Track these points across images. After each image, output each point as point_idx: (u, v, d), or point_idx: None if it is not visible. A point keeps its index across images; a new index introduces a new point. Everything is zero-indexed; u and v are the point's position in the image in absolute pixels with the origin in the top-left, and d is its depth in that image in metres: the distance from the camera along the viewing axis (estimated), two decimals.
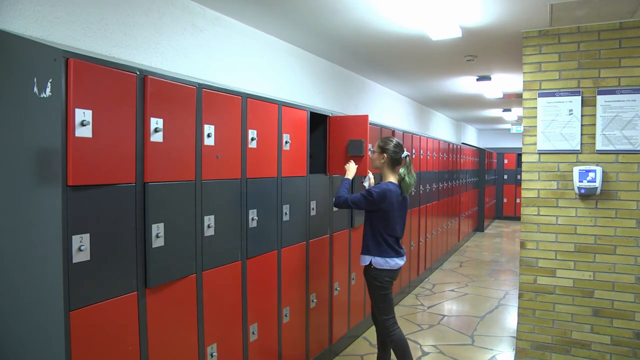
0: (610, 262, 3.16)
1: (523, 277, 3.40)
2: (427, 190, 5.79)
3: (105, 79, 1.70)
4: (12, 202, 1.73)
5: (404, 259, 2.94)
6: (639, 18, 3.02)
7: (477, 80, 5.51)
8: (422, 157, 5.49)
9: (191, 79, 2.27)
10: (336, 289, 3.50)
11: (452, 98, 7.12)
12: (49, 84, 1.58)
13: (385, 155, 2.91)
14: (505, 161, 12.31)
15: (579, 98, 3.19)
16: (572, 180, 3.21)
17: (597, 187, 3.10)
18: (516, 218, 11.64)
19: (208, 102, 2.20)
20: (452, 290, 5.57)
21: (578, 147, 3.21)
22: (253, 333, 2.57)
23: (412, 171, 2.92)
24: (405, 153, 2.94)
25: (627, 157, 3.09)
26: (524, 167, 3.38)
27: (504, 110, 8.84)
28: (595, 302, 3.21)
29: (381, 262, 2.83)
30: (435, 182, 6.15)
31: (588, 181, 3.12)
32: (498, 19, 3.23)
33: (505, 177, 12.30)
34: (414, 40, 3.77)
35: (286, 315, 2.89)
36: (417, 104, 7.70)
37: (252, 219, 2.53)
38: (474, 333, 4.16)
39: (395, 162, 2.93)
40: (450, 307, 4.94)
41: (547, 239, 3.32)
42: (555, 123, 3.26)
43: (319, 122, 3.31)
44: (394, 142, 2.93)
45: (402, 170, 2.90)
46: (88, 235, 1.65)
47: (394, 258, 2.86)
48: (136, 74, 1.83)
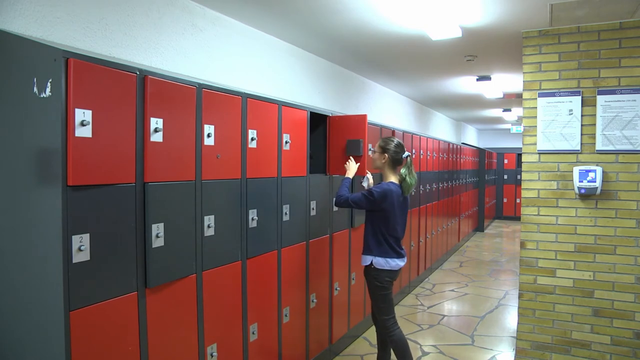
0: (610, 262, 3.16)
1: (523, 277, 3.40)
2: (427, 190, 5.79)
3: (105, 79, 1.70)
4: (12, 202, 1.73)
5: (405, 260, 2.94)
6: (639, 18, 3.02)
7: (477, 80, 5.51)
8: (422, 157, 5.49)
9: (191, 79, 2.27)
10: (336, 289, 3.50)
11: (452, 98, 7.12)
12: (49, 84, 1.58)
13: (386, 155, 2.91)
14: (505, 161, 12.32)
15: (579, 98, 3.19)
16: (572, 180, 3.21)
17: (597, 187, 3.10)
18: (516, 218, 11.64)
19: (208, 102, 2.20)
20: (452, 290, 5.57)
21: (578, 147, 3.21)
22: (253, 333, 2.57)
23: (413, 171, 2.93)
24: (406, 153, 2.94)
25: (627, 157, 3.09)
26: (524, 167, 3.38)
27: (504, 110, 8.85)
28: (595, 302, 3.21)
29: (382, 262, 2.84)
30: (435, 182, 6.15)
31: (588, 181, 3.12)
32: (498, 19, 3.23)
33: (505, 177, 12.30)
34: (414, 40, 3.77)
35: (286, 315, 2.89)
36: (417, 104, 7.70)
37: (252, 219, 2.53)
38: (474, 333, 4.16)
39: (396, 162, 2.93)
40: (450, 307, 4.93)
41: (547, 239, 3.32)
42: (555, 123, 3.26)
43: (319, 122, 3.31)
44: (395, 142, 2.93)
45: (403, 171, 2.90)
46: (88, 235, 1.65)
47: (395, 259, 2.86)
48: (136, 74, 1.83)
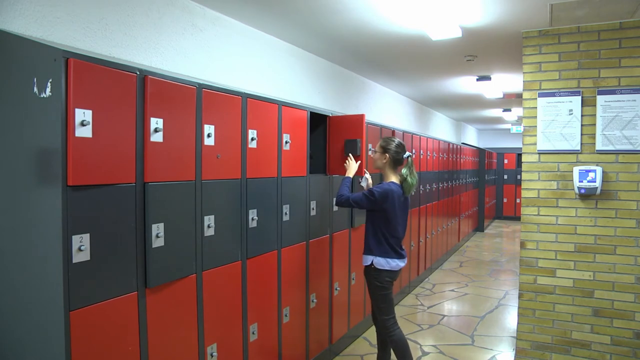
0: (610, 262, 3.16)
1: (523, 277, 3.40)
2: (427, 190, 5.79)
3: (105, 79, 1.70)
4: (12, 202, 1.73)
5: (405, 260, 2.93)
6: (639, 18, 3.02)
7: (477, 80, 5.51)
8: (422, 157, 5.49)
9: (191, 79, 2.27)
10: (336, 289, 3.50)
11: (452, 98, 7.12)
12: (49, 84, 1.58)
13: (387, 155, 2.91)
14: (505, 161, 12.32)
15: (579, 98, 3.19)
16: (572, 180, 3.21)
17: (597, 187, 3.10)
18: (516, 218, 11.64)
19: (208, 102, 2.20)
20: (452, 290, 5.57)
21: (578, 147, 3.21)
22: (253, 333, 2.57)
23: (414, 171, 2.92)
24: (407, 153, 2.94)
25: (627, 157, 3.09)
26: (524, 167, 3.38)
27: (504, 110, 8.84)
28: (595, 302, 3.21)
29: (382, 262, 2.83)
30: (435, 182, 6.15)
31: (588, 181, 3.12)
32: (498, 19, 3.23)
33: (505, 177, 12.30)
34: (414, 40, 3.77)
35: (286, 315, 2.89)
36: (417, 104, 7.70)
37: (252, 219, 2.53)
38: (474, 333, 4.16)
39: (397, 162, 2.93)
40: (450, 307, 4.93)
41: (547, 239, 3.32)
42: (555, 123, 3.26)
43: (319, 122, 3.31)
44: (396, 142, 2.93)
45: (404, 171, 2.90)
46: (88, 235, 1.65)
47: (395, 259, 2.86)
48: (136, 74, 1.83)
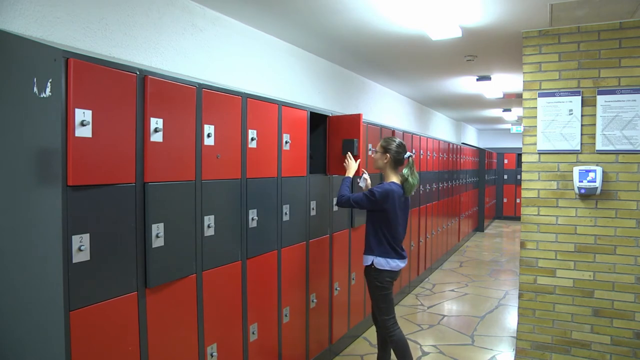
0: (610, 262, 3.16)
1: (523, 277, 3.40)
2: (427, 190, 5.79)
3: (105, 79, 1.70)
4: (12, 202, 1.73)
5: (405, 261, 2.93)
6: (639, 18, 3.02)
7: (477, 80, 5.51)
8: (422, 157, 5.49)
9: (191, 79, 2.27)
10: (336, 289, 3.50)
11: (452, 98, 7.12)
12: (49, 84, 1.58)
13: (388, 155, 2.91)
14: (505, 161, 12.32)
15: (579, 98, 3.19)
16: (572, 180, 3.21)
17: (597, 187, 3.10)
18: (516, 218, 11.64)
19: (208, 102, 2.20)
20: (452, 290, 5.57)
21: (578, 147, 3.21)
22: (253, 333, 2.57)
23: (415, 172, 2.92)
24: (408, 153, 2.94)
25: (627, 157, 3.09)
26: (524, 167, 3.38)
27: (504, 110, 8.85)
28: (595, 302, 3.21)
29: (382, 262, 2.83)
30: (435, 182, 6.15)
31: (588, 181, 3.12)
32: (498, 19, 3.23)
33: (505, 177, 12.30)
34: (414, 40, 3.77)
35: (286, 315, 2.89)
36: (417, 104, 7.70)
37: (252, 219, 2.53)
38: (474, 333, 4.16)
39: (397, 162, 2.92)
40: (450, 307, 4.93)
41: (547, 239, 3.32)
42: (555, 123, 3.26)
43: (319, 122, 3.30)
44: (397, 142, 2.92)
45: (405, 171, 2.90)
46: (88, 235, 1.65)
47: (395, 259, 2.86)
48: (136, 74, 1.83)
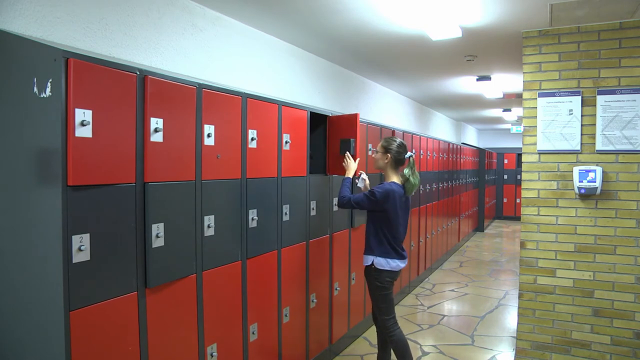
0: (610, 262, 3.16)
1: (523, 277, 3.40)
2: (427, 190, 5.79)
3: (105, 79, 1.70)
4: (12, 202, 1.73)
5: (406, 261, 2.93)
6: (639, 18, 3.02)
7: (477, 80, 5.51)
8: (422, 157, 5.49)
9: (191, 79, 2.27)
10: (336, 289, 3.50)
11: (452, 98, 7.12)
12: (49, 84, 1.58)
13: (388, 155, 2.90)
14: (505, 161, 12.32)
15: (579, 98, 3.19)
16: (572, 180, 3.21)
17: (597, 187, 3.10)
18: (516, 218, 11.64)
19: (208, 102, 2.20)
20: (452, 290, 5.57)
21: (578, 147, 3.21)
22: (253, 333, 2.57)
23: (416, 171, 2.92)
24: (408, 153, 2.93)
25: (627, 157, 3.09)
26: (524, 167, 3.38)
27: (504, 110, 8.85)
28: (595, 302, 3.21)
29: (383, 262, 2.83)
30: (435, 182, 6.15)
31: (588, 181, 3.12)
32: (498, 19, 3.23)
33: (505, 177, 12.30)
34: (414, 40, 3.77)
35: (286, 315, 2.89)
36: (417, 104, 7.70)
37: (252, 219, 2.53)
38: (474, 333, 4.16)
39: (398, 162, 2.92)
40: (450, 307, 4.93)
41: (547, 239, 3.32)
42: (555, 123, 3.26)
43: (319, 122, 3.30)
44: (398, 142, 2.92)
45: (406, 171, 2.89)
46: (88, 235, 1.65)
47: (396, 259, 2.85)
48: (136, 74, 1.83)
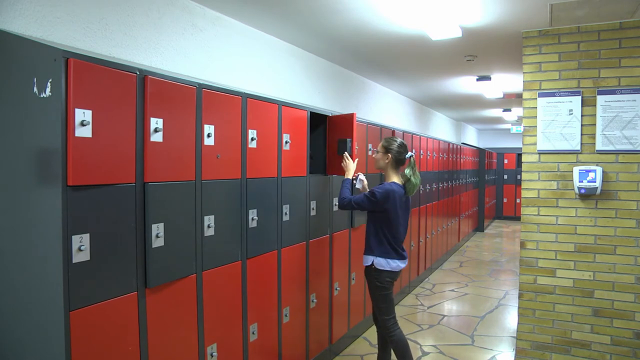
0: (610, 262, 3.16)
1: (523, 277, 3.40)
2: (427, 190, 5.78)
3: (105, 79, 1.70)
4: (12, 202, 1.73)
5: (406, 261, 2.92)
6: (639, 18, 3.02)
7: (477, 80, 5.51)
8: (422, 157, 5.49)
9: (191, 79, 2.27)
10: (336, 289, 3.50)
11: (452, 98, 7.12)
12: (49, 84, 1.58)
13: (389, 155, 2.90)
14: (505, 161, 12.32)
15: (579, 98, 3.19)
16: (572, 180, 3.21)
17: (597, 187, 3.10)
18: (516, 218, 11.64)
19: (208, 102, 2.20)
20: (452, 290, 5.57)
21: (578, 147, 3.21)
22: (253, 333, 2.57)
23: (417, 171, 2.92)
24: (409, 153, 2.93)
25: (627, 157, 3.09)
26: (524, 167, 3.38)
27: (504, 110, 8.84)
28: (595, 302, 3.21)
29: (383, 263, 2.83)
30: (435, 182, 6.15)
31: (588, 181, 3.12)
32: (498, 19, 3.23)
33: (505, 177, 12.30)
34: (414, 40, 3.77)
35: (286, 315, 2.89)
36: (417, 104, 7.70)
37: (252, 219, 2.53)
38: (474, 333, 4.16)
39: (399, 162, 2.92)
40: (450, 307, 4.93)
41: (547, 239, 3.32)
42: (555, 123, 3.26)
43: (319, 122, 3.30)
44: (398, 142, 2.92)
45: (407, 171, 2.89)
46: (88, 235, 1.65)
47: (396, 259, 2.85)
48: (136, 74, 1.83)
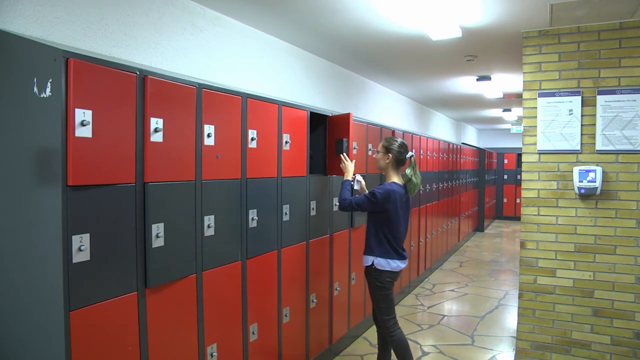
0: (610, 262, 3.16)
1: (523, 277, 3.40)
2: (427, 190, 5.78)
3: (105, 79, 1.70)
4: (12, 202, 1.73)
5: (406, 262, 2.92)
6: (639, 18, 3.02)
7: (477, 80, 5.51)
8: (422, 157, 5.49)
9: (191, 79, 2.27)
10: (336, 289, 3.50)
11: (452, 98, 7.12)
12: (49, 84, 1.58)
13: (390, 155, 2.90)
14: (505, 161, 12.32)
15: (579, 98, 3.19)
16: (572, 180, 3.21)
17: (597, 187, 3.10)
18: (516, 218, 11.64)
19: (208, 102, 2.20)
20: (452, 290, 5.57)
21: (578, 147, 3.21)
22: (253, 333, 2.57)
23: (418, 171, 2.92)
24: (410, 153, 2.93)
25: (627, 157, 3.09)
26: (524, 167, 3.38)
27: (504, 110, 8.84)
28: (595, 302, 3.21)
29: (383, 263, 2.83)
30: (435, 182, 6.15)
31: (588, 181, 3.12)
32: (498, 19, 3.23)
33: (505, 177, 12.30)
34: (414, 40, 3.77)
35: (286, 315, 2.89)
36: (417, 104, 7.70)
37: (252, 219, 2.53)
38: (474, 333, 4.16)
39: (399, 162, 2.92)
40: (450, 307, 4.93)
41: (547, 239, 3.32)
42: (555, 123, 3.26)
43: (319, 122, 3.30)
44: (399, 142, 2.92)
45: (408, 171, 2.89)
46: (88, 235, 1.65)
47: (396, 260, 2.85)
48: (136, 74, 1.83)
